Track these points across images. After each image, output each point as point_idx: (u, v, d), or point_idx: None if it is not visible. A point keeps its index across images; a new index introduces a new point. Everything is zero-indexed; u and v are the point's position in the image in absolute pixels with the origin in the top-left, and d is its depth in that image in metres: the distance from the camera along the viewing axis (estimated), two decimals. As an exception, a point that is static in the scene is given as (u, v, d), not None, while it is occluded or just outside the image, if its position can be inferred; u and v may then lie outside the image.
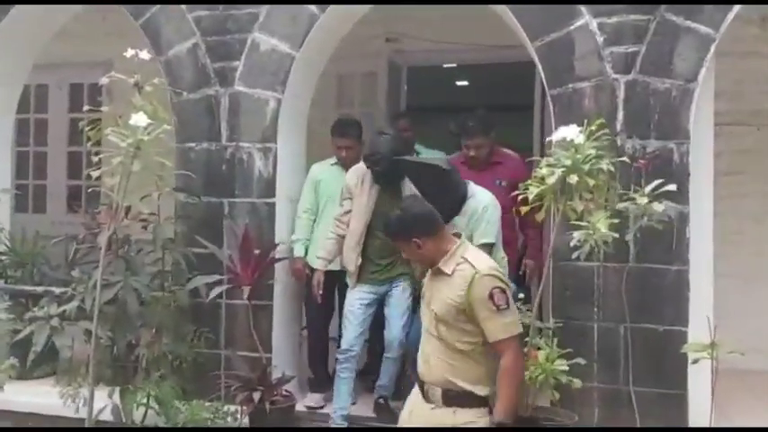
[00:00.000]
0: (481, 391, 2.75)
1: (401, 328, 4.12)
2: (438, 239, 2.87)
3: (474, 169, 4.47)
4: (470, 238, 3.50)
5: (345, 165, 4.51)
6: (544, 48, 4.13)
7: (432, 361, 2.82)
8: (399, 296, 4.19)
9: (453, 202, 3.75)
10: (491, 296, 2.69)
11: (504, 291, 2.72)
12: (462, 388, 2.74)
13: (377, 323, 4.32)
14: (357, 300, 4.20)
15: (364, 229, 4.14)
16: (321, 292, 4.32)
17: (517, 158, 4.65)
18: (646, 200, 3.21)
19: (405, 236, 2.90)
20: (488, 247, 3.64)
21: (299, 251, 4.57)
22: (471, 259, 2.80)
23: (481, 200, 3.84)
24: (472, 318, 2.72)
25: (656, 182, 3.27)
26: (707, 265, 4.00)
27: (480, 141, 4.52)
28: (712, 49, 3.90)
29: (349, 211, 4.20)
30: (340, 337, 4.41)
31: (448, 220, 3.52)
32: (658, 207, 3.19)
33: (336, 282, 4.56)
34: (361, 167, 4.23)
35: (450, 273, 2.79)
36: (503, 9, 4.28)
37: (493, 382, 2.74)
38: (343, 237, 4.21)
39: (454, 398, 2.75)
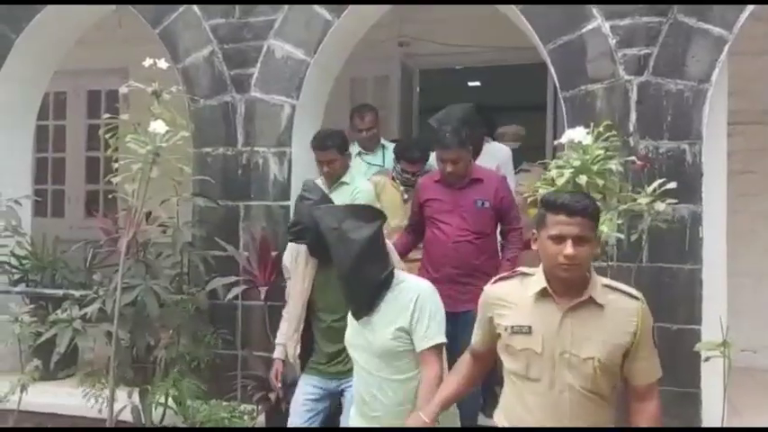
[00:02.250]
0: None
1: None
2: None
3: (452, 188, 3.92)
4: (410, 340, 2.79)
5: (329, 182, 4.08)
6: (557, 50, 4.16)
7: (576, 424, 2.22)
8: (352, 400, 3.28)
9: (368, 283, 2.85)
10: (653, 330, 2.25)
11: None
12: None
13: None
14: (302, 395, 3.45)
15: (302, 312, 3.46)
16: (279, 384, 3.72)
17: (499, 176, 4.16)
18: (647, 200, 3.18)
19: (595, 223, 2.22)
20: (440, 349, 2.81)
21: None
22: (618, 286, 2.26)
23: (415, 288, 2.88)
24: (625, 358, 2.23)
25: (657, 182, 3.25)
26: (720, 263, 4.01)
27: (458, 155, 3.84)
28: (725, 50, 3.91)
29: None
30: None
31: (366, 311, 2.85)
32: (660, 206, 3.18)
33: None
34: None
35: (604, 304, 2.20)
36: (514, 12, 4.31)
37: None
38: None
39: None
